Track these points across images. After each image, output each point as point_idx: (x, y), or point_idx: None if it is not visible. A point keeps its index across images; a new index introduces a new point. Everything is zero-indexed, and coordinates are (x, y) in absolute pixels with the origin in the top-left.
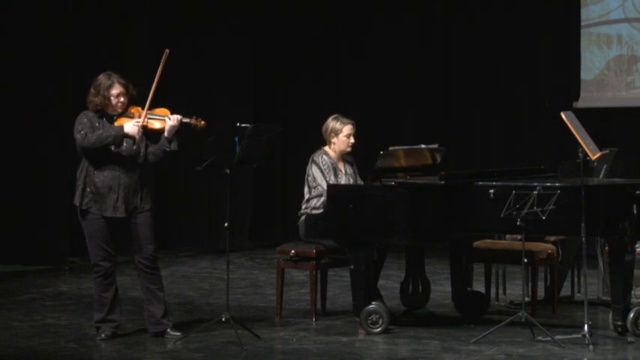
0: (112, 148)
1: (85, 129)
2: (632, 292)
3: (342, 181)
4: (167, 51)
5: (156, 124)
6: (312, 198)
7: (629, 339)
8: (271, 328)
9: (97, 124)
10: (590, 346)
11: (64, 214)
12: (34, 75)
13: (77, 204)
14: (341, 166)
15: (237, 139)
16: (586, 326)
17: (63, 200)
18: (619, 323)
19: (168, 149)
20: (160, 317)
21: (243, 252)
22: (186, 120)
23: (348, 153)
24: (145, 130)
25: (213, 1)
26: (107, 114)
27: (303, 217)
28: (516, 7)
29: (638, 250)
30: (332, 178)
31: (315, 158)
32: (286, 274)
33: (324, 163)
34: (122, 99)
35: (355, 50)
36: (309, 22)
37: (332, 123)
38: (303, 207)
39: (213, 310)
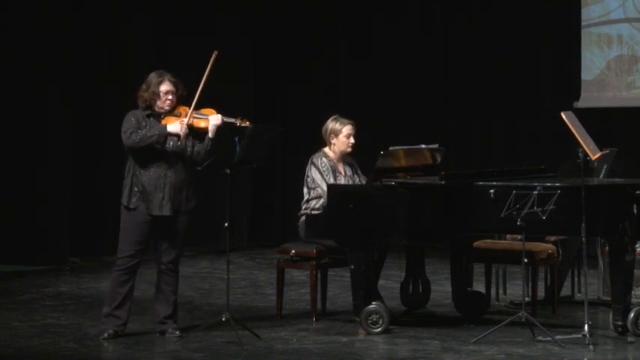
0: (158, 147)
1: (131, 128)
2: (632, 292)
3: (341, 182)
4: (216, 52)
5: (201, 123)
6: (312, 199)
7: (629, 339)
8: (271, 328)
9: (143, 124)
10: (591, 346)
11: (64, 214)
12: (34, 75)
13: (125, 203)
14: (340, 167)
15: (237, 139)
16: (586, 326)
17: (63, 200)
18: (619, 323)
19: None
20: (164, 317)
21: (243, 252)
22: (229, 120)
23: (349, 154)
24: (191, 129)
25: (213, 1)
26: (155, 112)
27: (303, 218)
28: (516, 7)
29: (638, 250)
30: (331, 180)
31: (314, 160)
32: (286, 274)
33: (323, 165)
34: (170, 97)
35: (355, 50)
36: (309, 22)
37: (331, 124)
38: (303, 207)
39: (213, 310)
